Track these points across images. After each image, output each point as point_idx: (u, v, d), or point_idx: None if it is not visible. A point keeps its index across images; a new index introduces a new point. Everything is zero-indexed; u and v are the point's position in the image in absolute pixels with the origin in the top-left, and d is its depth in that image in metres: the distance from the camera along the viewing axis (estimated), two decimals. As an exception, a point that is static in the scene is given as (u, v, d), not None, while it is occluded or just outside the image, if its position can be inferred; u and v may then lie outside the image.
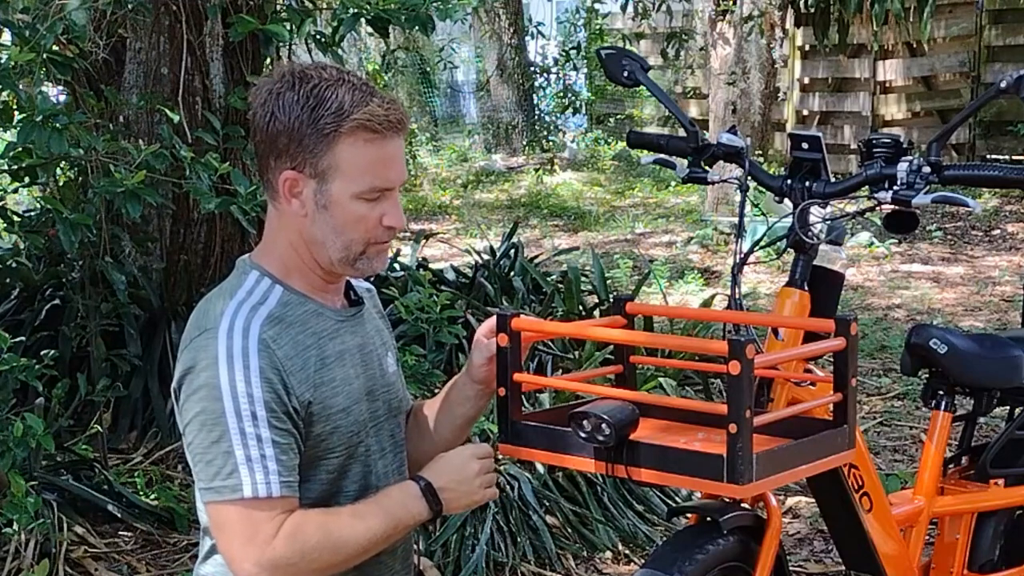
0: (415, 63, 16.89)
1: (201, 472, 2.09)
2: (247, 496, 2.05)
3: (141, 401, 4.81)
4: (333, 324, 2.21)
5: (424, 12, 4.23)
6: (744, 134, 5.33)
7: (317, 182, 2.12)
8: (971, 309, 7.91)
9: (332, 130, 2.09)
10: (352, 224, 2.14)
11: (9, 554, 3.74)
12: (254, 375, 2.07)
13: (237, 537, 2.07)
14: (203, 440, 2.07)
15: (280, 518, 2.07)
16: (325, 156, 2.11)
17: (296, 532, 2.07)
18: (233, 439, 2.05)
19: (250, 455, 2.05)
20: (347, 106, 2.10)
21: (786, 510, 4.55)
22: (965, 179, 2.71)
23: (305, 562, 2.08)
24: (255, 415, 2.06)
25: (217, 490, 2.07)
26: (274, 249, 2.21)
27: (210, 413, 2.06)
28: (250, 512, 2.06)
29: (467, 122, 18.08)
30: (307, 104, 2.09)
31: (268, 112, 2.12)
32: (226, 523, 2.08)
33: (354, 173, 2.12)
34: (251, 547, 2.06)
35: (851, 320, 2.36)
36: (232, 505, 2.06)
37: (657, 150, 2.92)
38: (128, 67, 4.95)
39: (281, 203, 2.17)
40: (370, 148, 2.12)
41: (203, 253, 5.08)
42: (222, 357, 2.07)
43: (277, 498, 2.07)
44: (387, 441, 2.29)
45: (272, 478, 2.06)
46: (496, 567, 3.97)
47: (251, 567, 2.06)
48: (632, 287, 7.73)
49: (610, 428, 2.21)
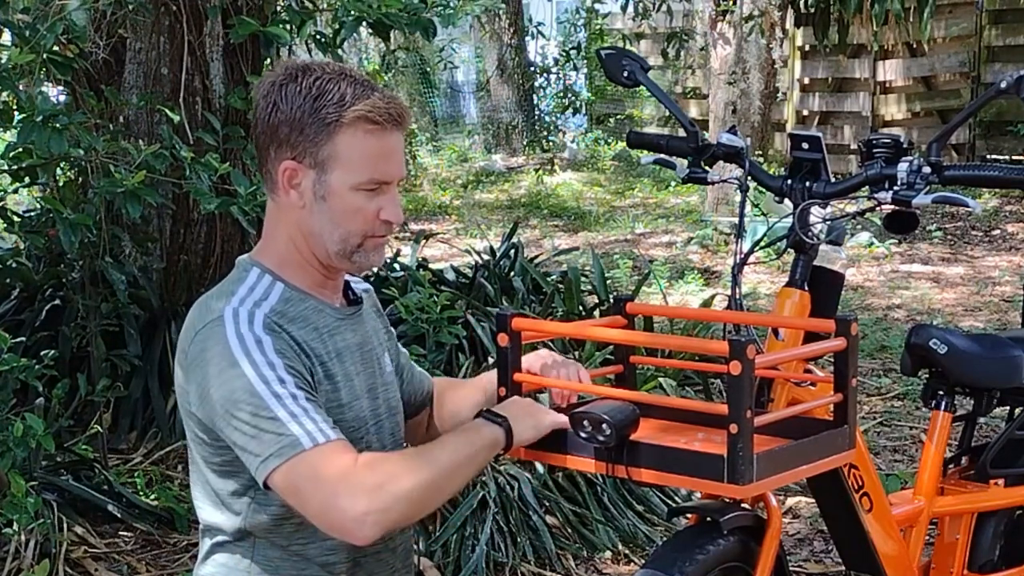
0: (415, 63, 16.88)
1: (256, 449, 2.04)
2: (307, 447, 2.01)
3: (141, 401, 4.81)
4: (334, 321, 2.22)
5: (426, 17, 4.23)
6: (744, 134, 5.32)
7: (316, 172, 2.13)
8: (971, 309, 7.91)
9: (334, 120, 2.11)
10: (350, 215, 2.15)
11: (9, 554, 3.74)
12: (268, 348, 2.07)
13: (317, 488, 2.00)
14: (244, 420, 2.04)
15: (350, 456, 2.03)
16: (325, 146, 2.12)
17: (373, 460, 2.04)
18: (271, 404, 2.03)
19: (293, 411, 2.03)
20: (349, 97, 2.12)
21: (786, 510, 4.55)
22: (965, 179, 2.71)
23: (396, 484, 2.01)
24: (282, 379, 2.05)
25: (276, 454, 2.02)
26: (273, 245, 2.22)
27: (240, 391, 2.04)
28: (319, 458, 2.01)
29: (467, 122, 18.08)
30: (309, 94, 2.11)
31: (270, 103, 2.13)
32: (299, 481, 2.01)
33: (353, 164, 2.13)
34: (343, 483, 1.99)
35: (851, 320, 2.37)
36: (300, 459, 2.01)
37: (657, 150, 2.92)
38: (128, 67, 4.96)
39: (280, 195, 2.17)
40: (370, 140, 2.13)
41: (203, 253, 5.08)
42: (232, 338, 2.07)
43: (336, 441, 2.04)
44: (388, 439, 2.30)
45: (322, 426, 2.04)
46: (496, 567, 3.97)
47: (348, 503, 1.98)
48: (632, 287, 7.73)
49: (610, 428, 2.21)
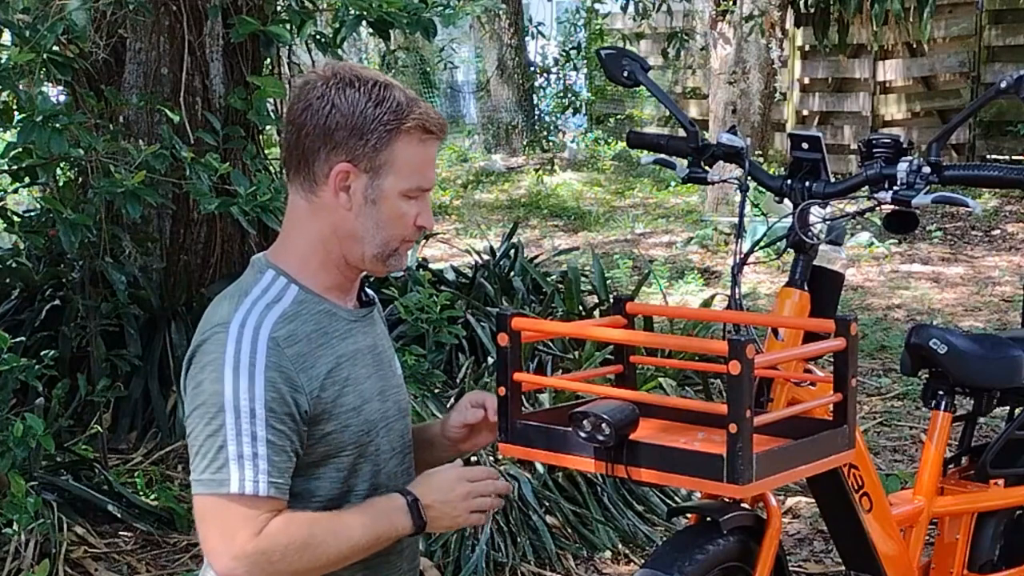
0: (415, 63, 16.89)
1: (194, 463, 2.10)
2: (233, 492, 2.06)
3: (141, 401, 4.81)
4: (346, 324, 2.22)
5: (426, 17, 4.23)
6: (744, 134, 5.33)
7: (370, 177, 2.16)
8: (971, 309, 7.91)
9: (394, 126, 2.15)
10: (394, 220, 2.19)
11: (9, 554, 3.74)
12: (259, 373, 2.08)
13: (217, 530, 2.08)
14: (200, 431, 2.09)
15: (264, 517, 2.08)
16: (384, 151, 2.15)
17: (277, 533, 2.08)
18: (229, 434, 2.06)
19: (242, 452, 2.06)
20: (404, 105, 2.16)
21: (786, 510, 4.54)
22: (965, 179, 2.71)
23: (284, 563, 2.08)
24: (254, 412, 2.07)
25: (205, 482, 2.08)
26: (294, 246, 2.22)
27: (210, 406, 2.08)
28: (234, 508, 2.06)
29: (467, 122, 18.09)
30: (370, 100, 2.14)
31: (327, 103, 2.14)
32: (208, 515, 2.09)
33: (406, 171, 2.17)
34: (230, 542, 2.06)
35: (851, 320, 2.37)
36: (217, 498, 2.07)
37: (657, 150, 2.92)
38: (128, 67, 4.96)
39: (323, 195, 2.18)
40: (421, 148, 2.18)
41: (203, 253, 5.08)
42: (230, 353, 2.09)
43: (263, 497, 2.07)
44: (397, 442, 2.30)
45: (261, 477, 2.07)
46: (496, 567, 3.97)
47: (228, 560, 2.06)
48: (632, 287, 7.73)
49: (610, 428, 2.21)
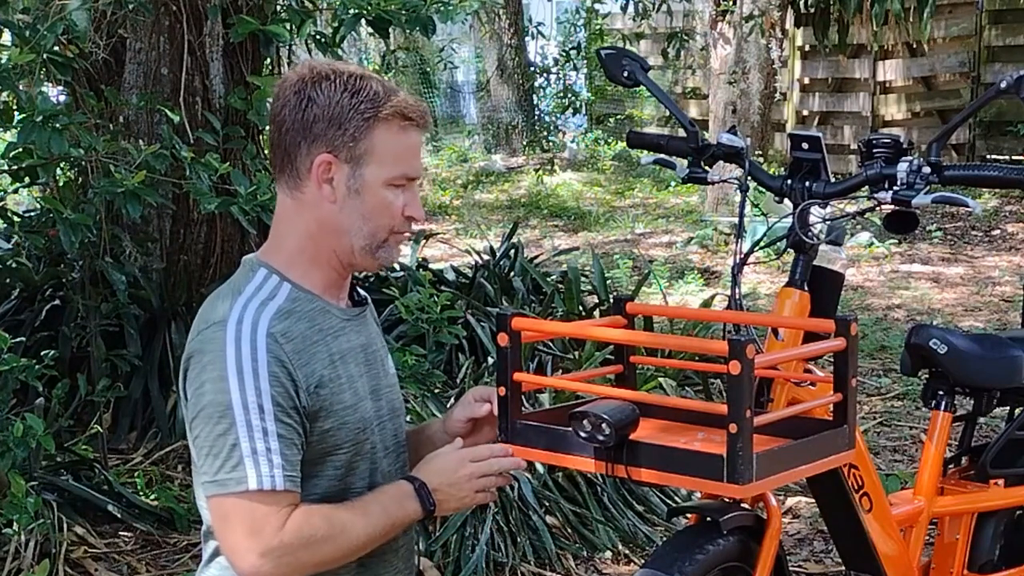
0: (415, 63, 16.88)
1: (206, 465, 2.09)
2: (252, 488, 2.05)
3: (141, 401, 4.81)
4: (339, 322, 2.22)
5: (425, 14, 4.23)
6: (744, 134, 5.33)
7: (351, 167, 2.16)
8: (971, 309, 7.91)
9: (372, 115, 2.15)
10: (380, 211, 2.19)
11: (9, 554, 3.74)
12: (262, 368, 2.08)
13: (241, 529, 2.07)
14: (209, 433, 2.08)
15: (285, 511, 2.08)
16: (363, 140, 2.16)
17: (300, 525, 2.08)
18: (240, 431, 2.06)
19: (256, 448, 2.06)
20: (382, 94, 2.17)
21: (786, 510, 4.54)
22: (965, 179, 2.71)
23: (308, 553, 2.08)
24: (262, 408, 2.07)
25: (222, 483, 2.07)
26: (284, 244, 2.22)
27: (217, 405, 2.07)
28: (255, 504, 2.06)
29: (467, 122, 18.09)
30: (346, 90, 2.15)
31: (304, 98, 2.15)
32: (230, 515, 2.08)
33: (388, 159, 2.17)
34: (256, 538, 2.06)
35: (851, 320, 2.37)
36: (237, 498, 2.06)
37: (657, 150, 2.92)
38: (128, 67, 4.96)
39: (308, 190, 2.18)
40: (402, 136, 2.18)
41: (203, 253, 5.08)
42: (230, 350, 2.08)
43: (281, 491, 2.07)
44: (391, 440, 2.30)
45: (277, 471, 2.07)
46: (496, 567, 3.97)
47: (255, 558, 2.06)
48: (632, 287, 7.73)
49: (610, 428, 2.21)
